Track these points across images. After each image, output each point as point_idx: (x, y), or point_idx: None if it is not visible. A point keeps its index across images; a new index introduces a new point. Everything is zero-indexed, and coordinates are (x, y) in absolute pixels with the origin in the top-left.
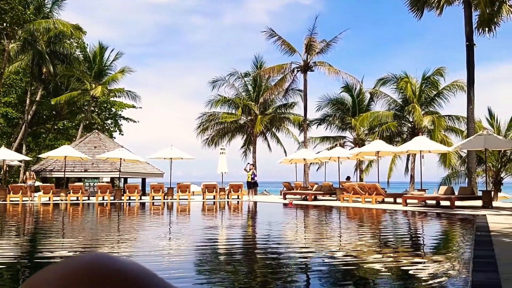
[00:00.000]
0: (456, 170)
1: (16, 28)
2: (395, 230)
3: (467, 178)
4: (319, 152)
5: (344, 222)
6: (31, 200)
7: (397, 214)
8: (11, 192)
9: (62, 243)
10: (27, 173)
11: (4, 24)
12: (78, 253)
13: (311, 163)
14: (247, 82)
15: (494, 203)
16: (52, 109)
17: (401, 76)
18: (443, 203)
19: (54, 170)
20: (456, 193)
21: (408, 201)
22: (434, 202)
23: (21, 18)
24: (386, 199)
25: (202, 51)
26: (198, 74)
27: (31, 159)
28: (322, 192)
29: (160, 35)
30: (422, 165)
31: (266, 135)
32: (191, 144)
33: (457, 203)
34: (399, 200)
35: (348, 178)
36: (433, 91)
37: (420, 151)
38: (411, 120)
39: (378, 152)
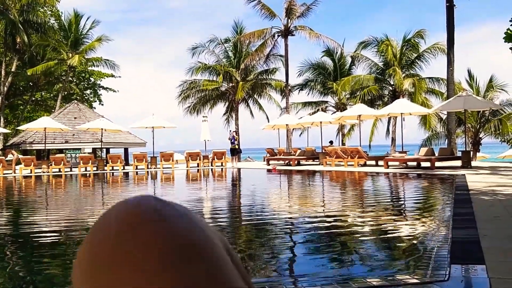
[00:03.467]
0: (436, 132)
1: None
2: (377, 192)
3: (447, 139)
4: (301, 117)
5: (327, 186)
6: (14, 173)
7: (379, 177)
8: None
9: (47, 217)
10: (11, 152)
11: None
12: (65, 226)
13: (293, 129)
14: (227, 48)
15: (473, 163)
16: (29, 80)
17: (382, 39)
18: (423, 164)
19: (34, 142)
20: (436, 154)
21: (390, 163)
22: (415, 163)
23: None
24: (368, 162)
25: (181, 17)
26: (177, 40)
27: (10, 131)
28: (305, 157)
29: (136, 1)
30: (403, 127)
31: (248, 101)
32: (172, 113)
33: (437, 164)
34: (381, 162)
35: (331, 142)
36: (413, 54)
37: (401, 113)
38: (392, 83)
39: (359, 116)
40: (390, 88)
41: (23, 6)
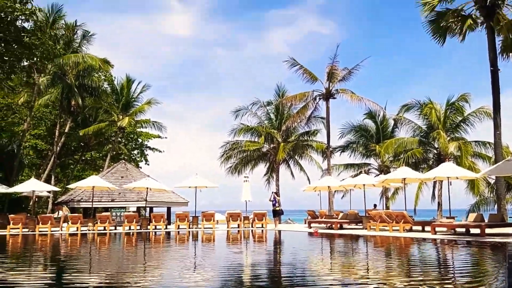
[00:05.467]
0: (484, 197)
1: (46, 62)
2: (426, 260)
3: (496, 205)
4: (343, 179)
5: (372, 252)
6: (60, 231)
7: (426, 243)
8: (40, 222)
9: (90, 275)
10: (64, 208)
11: (35, 59)
12: (106, 284)
13: (335, 191)
14: (269, 111)
15: None
16: (80, 141)
17: (425, 102)
18: (473, 230)
19: (82, 200)
20: (486, 220)
21: (437, 229)
22: (463, 230)
23: (51, 53)
24: (414, 227)
25: (225, 82)
26: (221, 104)
27: (60, 189)
28: (348, 220)
29: (183, 67)
30: (450, 192)
31: (289, 162)
32: (214, 172)
33: (488, 230)
34: (427, 228)
35: (374, 206)
36: (458, 117)
37: (448, 177)
38: (436, 146)
39: (404, 179)
40: (435, 151)
41: (80, 71)
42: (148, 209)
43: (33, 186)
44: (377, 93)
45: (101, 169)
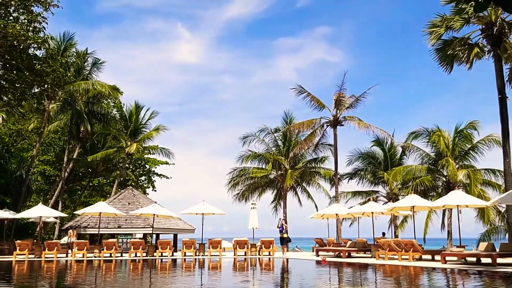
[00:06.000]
0: (495, 226)
1: (56, 89)
2: None
3: (507, 234)
4: (351, 207)
5: (382, 282)
6: (66, 257)
7: (436, 273)
8: (46, 248)
9: None
10: (70, 231)
11: (46, 86)
12: None
13: (343, 219)
14: (277, 138)
15: None
16: (88, 167)
17: (433, 129)
18: (484, 260)
19: (88, 226)
20: (497, 249)
21: (447, 258)
22: (474, 259)
23: (62, 80)
24: (423, 256)
25: (232, 109)
26: (228, 130)
27: (67, 215)
28: (356, 249)
29: (191, 94)
30: (460, 220)
31: (297, 189)
32: (220, 198)
33: (499, 260)
34: (437, 257)
35: (383, 234)
36: (467, 145)
37: (457, 205)
38: (445, 174)
39: (413, 207)
40: (444, 179)
41: (89, 98)
42: (154, 235)
43: (40, 212)
44: (384, 120)
45: (108, 195)
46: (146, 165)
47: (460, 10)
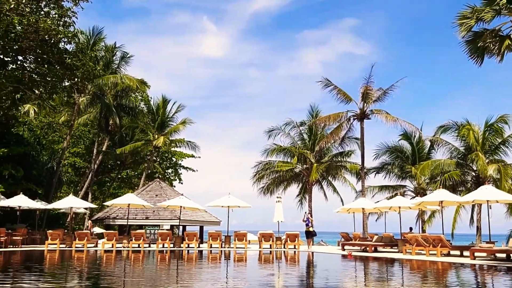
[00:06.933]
0: None
1: (86, 83)
2: (466, 286)
3: None
4: (378, 201)
5: (410, 278)
6: (96, 247)
7: (465, 269)
8: (77, 238)
9: None
10: (89, 222)
11: (76, 79)
12: None
13: (369, 213)
14: (302, 131)
15: None
16: (117, 159)
17: (462, 123)
18: None
19: (117, 217)
20: None
21: (476, 254)
22: (504, 255)
23: (92, 73)
24: (452, 252)
25: (258, 102)
26: (254, 124)
27: (96, 206)
28: (382, 243)
29: (217, 88)
30: (490, 216)
31: (322, 183)
32: (245, 192)
33: None
34: (466, 253)
35: (410, 229)
36: (497, 139)
37: (487, 201)
38: (475, 168)
39: (441, 202)
40: (473, 173)
41: (118, 91)
42: (181, 227)
43: (71, 202)
44: (412, 114)
45: (136, 187)
46: (173, 158)
47: (491, 1)
